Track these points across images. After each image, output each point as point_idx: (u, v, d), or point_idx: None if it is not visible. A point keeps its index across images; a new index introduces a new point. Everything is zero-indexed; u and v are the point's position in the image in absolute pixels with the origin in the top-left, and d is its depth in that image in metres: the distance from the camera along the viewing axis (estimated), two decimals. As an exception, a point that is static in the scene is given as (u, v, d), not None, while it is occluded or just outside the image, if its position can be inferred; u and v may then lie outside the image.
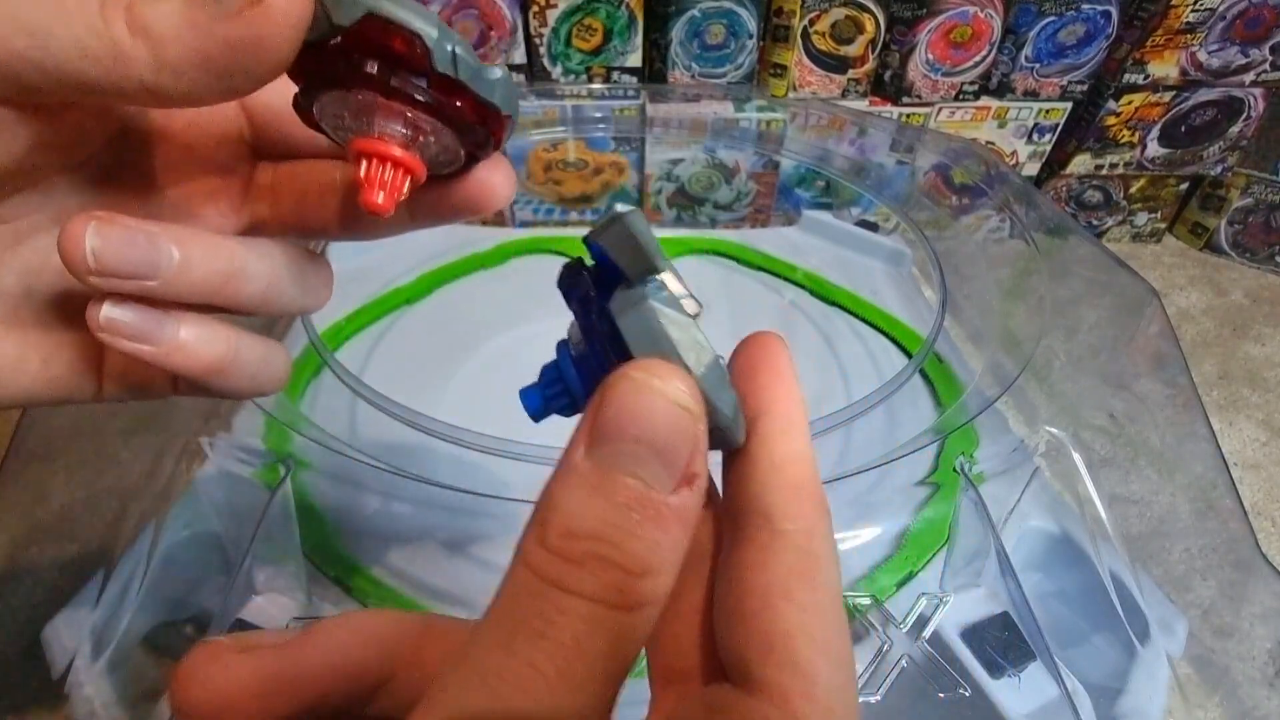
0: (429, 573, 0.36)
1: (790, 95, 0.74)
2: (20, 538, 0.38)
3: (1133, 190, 0.84)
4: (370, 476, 0.38)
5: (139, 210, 0.19)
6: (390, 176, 0.17)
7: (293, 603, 0.34)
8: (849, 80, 0.74)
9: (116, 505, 0.37)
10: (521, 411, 0.17)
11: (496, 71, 0.16)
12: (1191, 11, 0.69)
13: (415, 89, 0.16)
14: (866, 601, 0.34)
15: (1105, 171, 0.81)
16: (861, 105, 0.75)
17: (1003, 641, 0.34)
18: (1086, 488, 0.37)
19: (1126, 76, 0.74)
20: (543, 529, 0.12)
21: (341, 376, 0.37)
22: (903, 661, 0.32)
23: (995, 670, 0.33)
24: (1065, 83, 0.75)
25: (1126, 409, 0.43)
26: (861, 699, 0.31)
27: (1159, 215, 0.86)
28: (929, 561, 0.37)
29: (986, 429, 0.44)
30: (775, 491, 0.14)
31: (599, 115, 0.70)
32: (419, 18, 0.15)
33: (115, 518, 0.36)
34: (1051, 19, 0.71)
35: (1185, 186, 0.85)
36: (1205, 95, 0.75)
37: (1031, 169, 0.82)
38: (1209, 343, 0.72)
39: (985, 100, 0.76)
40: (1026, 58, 0.73)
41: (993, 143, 0.79)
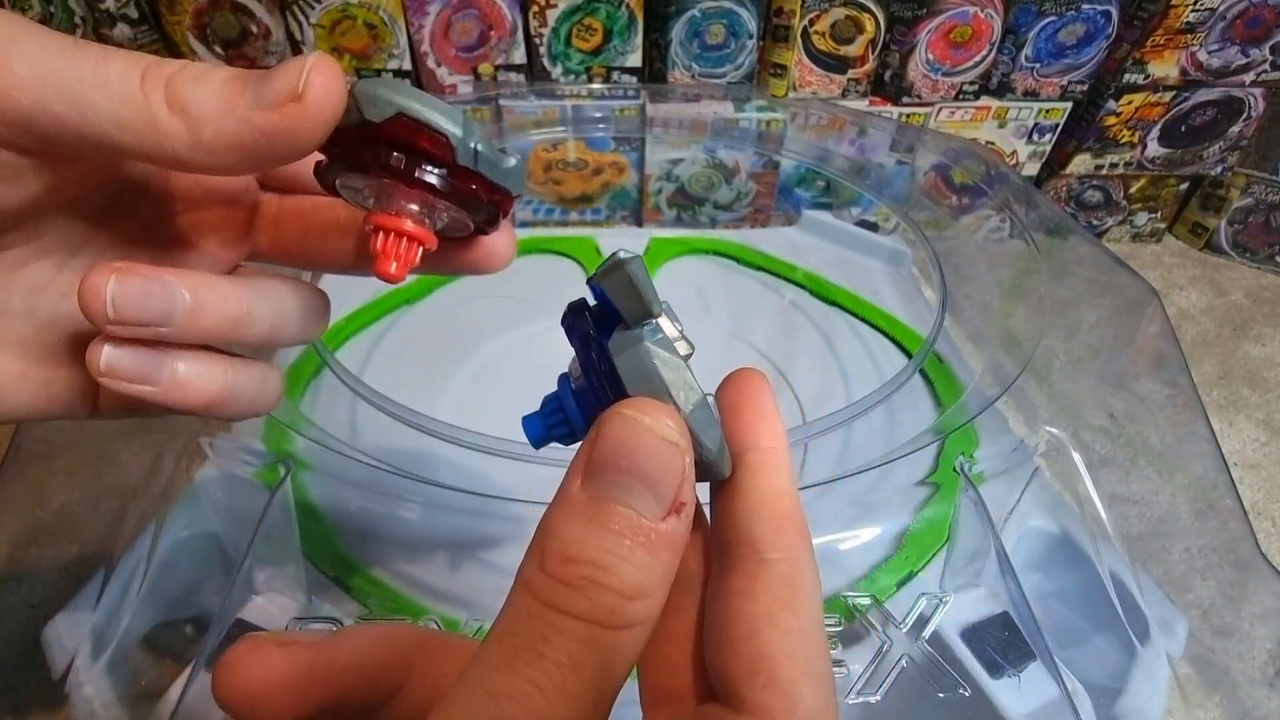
0: (429, 573, 0.36)
1: (790, 95, 0.74)
2: (20, 538, 0.38)
3: (1133, 190, 0.84)
4: (370, 477, 0.38)
5: (142, 238, 0.19)
6: (404, 249, 0.18)
7: (293, 603, 0.34)
8: (849, 80, 0.74)
9: (116, 505, 0.37)
10: (521, 411, 0.17)
11: (511, 161, 0.18)
12: (1191, 11, 0.69)
13: (436, 178, 0.17)
14: (866, 601, 0.34)
15: (1105, 171, 0.81)
16: (861, 105, 0.75)
17: (1003, 641, 0.34)
18: (1086, 488, 0.37)
19: (1126, 76, 0.74)
20: (542, 555, 0.13)
21: (341, 376, 0.37)
22: (903, 661, 0.32)
23: (995, 670, 0.33)
24: (1065, 83, 0.75)
25: (1126, 409, 0.43)
26: (861, 699, 0.31)
27: (1159, 215, 0.87)
28: (929, 561, 0.37)
29: (986, 429, 0.44)
30: (761, 523, 0.15)
31: (599, 115, 0.70)
32: (446, 118, 0.16)
33: (115, 518, 0.36)
34: (1051, 19, 0.71)
35: (1185, 186, 0.85)
36: (1205, 95, 0.75)
37: (1031, 169, 0.82)
38: (1209, 343, 0.72)
39: (985, 100, 0.76)
40: (1026, 58, 0.73)
41: (993, 143, 0.79)
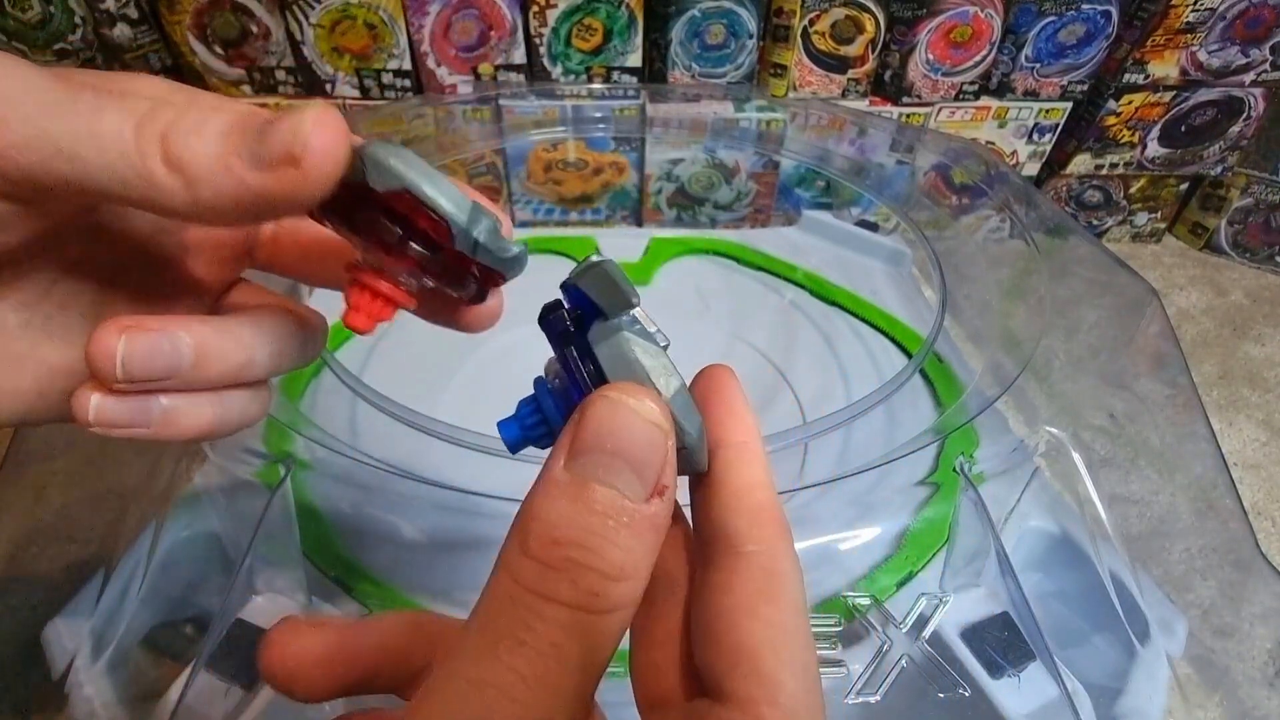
0: (429, 573, 0.36)
1: (790, 95, 0.74)
2: (20, 538, 0.38)
3: (1133, 190, 0.84)
4: (370, 476, 0.38)
5: (136, 260, 0.19)
6: (379, 308, 0.17)
7: (293, 603, 0.34)
8: (849, 80, 0.74)
9: (116, 505, 0.37)
10: None
11: (513, 249, 0.17)
12: (1191, 11, 0.69)
13: (427, 257, 0.16)
14: (866, 601, 0.34)
15: (1105, 171, 0.81)
16: (861, 105, 0.75)
17: (1003, 641, 0.34)
18: (1086, 488, 0.37)
19: (1126, 76, 0.74)
20: (524, 537, 0.13)
21: (341, 376, 0.37)
22: (903, 661, 0.32)
23: (995, 670, 0.33)
24: (1065, 83, 0.75)
25: (1126, 409, 0.43)
26: (861, 699, 0.31)
27: (1159, 215, 0.87)
28: (929, 561, 0.37)
29: (986, 429, 0.44)
30: (737, 516, 0.15)
31: (599, 115, 0.70)
32: (451, 204, 0.15)
33: (115, 518, 0.36)
34: (1051, 19, 0.71)
35: (1185, 186, 0.85)
36: (1205, 95, 0.75)
37: (1031, 169, 0.82)
38: (1209, 343, 0.72)
39: (985, 100, 0.76)
40: (1026, 58, 0.73)
41: (993, 143, 0.79)
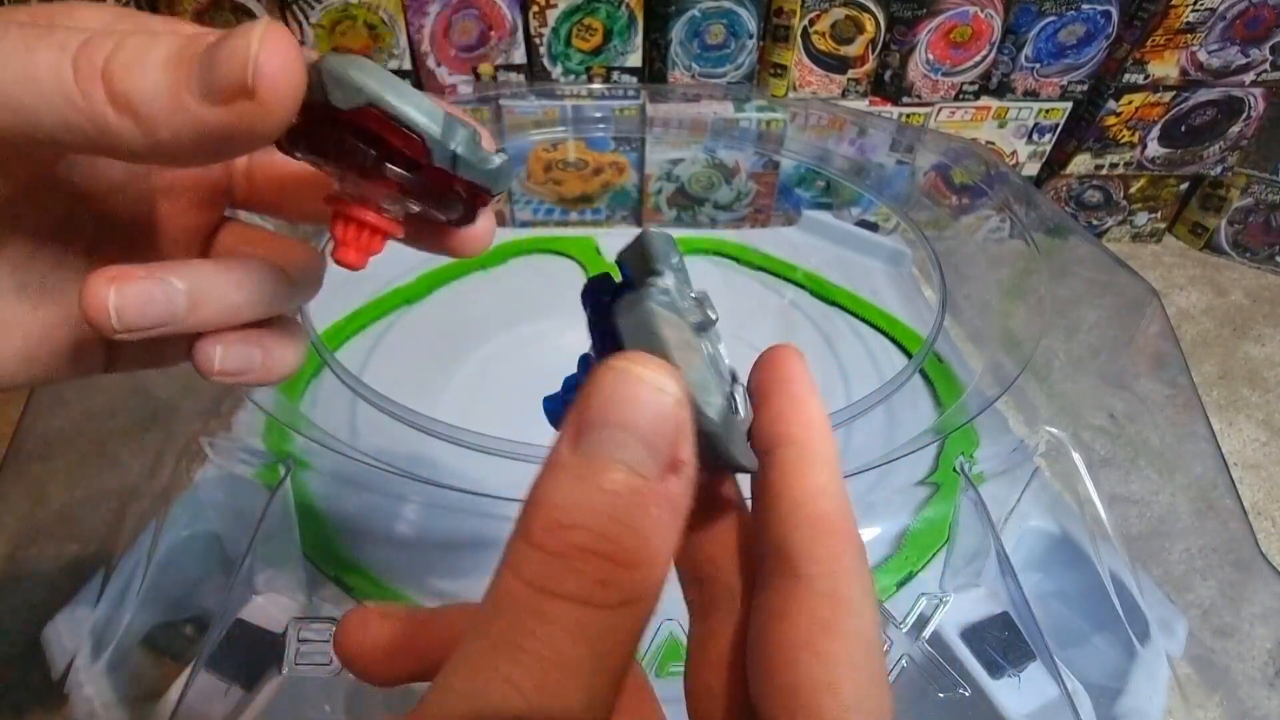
0: (429, 573, 0.36)
1: (790, 95, 0.74)
2: (20, 538, 0.38)
3: (1133, 190, 0.84)
4: (370, 476, 0.38)
5: (120, 213, 0.18)
6: (366, 239, 0.17)
7: (293, 603, 0.34)
8: (849, 80, 0.74)
9: (116, 505, 0.37)
10: (521, 411, 0.17)
11: (495, 160, 0.16)
12: (1191, 11, 0.69)
13: (407, 178, 0.15)
14: (866, 601, 0.34)
15: (1105, 171, 0.81)
16: (861, 105, 0.75)
17: (1003, 641, 0.34)
18: (1086, 488, 0.37)
19: (1126, 76, 0.74)
20: (528, 525, 0.12)
21: (341, 376, 0.37)
22: (903, 661, 0.32)
23: (995, 670, 0.33)
24: (1065, 83, 0.75)
25: (1126, 409, 0.43)
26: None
27: (1159, 215, 0.86)
28: (929, 561, 0.37)
29: (986, 429, 0.44)
30: (796, 531, 0.13)
31: (599, 115, 0.70)
32: (422, 113, 0.14)
33: (115, 518, 0.36)
34: (1051, 19, 0.71)
35: (1185, 186, 0.85)
36: (1205, 95, 0.75)
37: (1031, 169, 0.82)
38: (1209, 343, 0.72)
39: (985, 100, 0.76)
40: (1026, 58, 0.73)
41: (993, 143, 0.79)
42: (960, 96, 0.75)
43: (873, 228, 0.68)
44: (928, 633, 0.33)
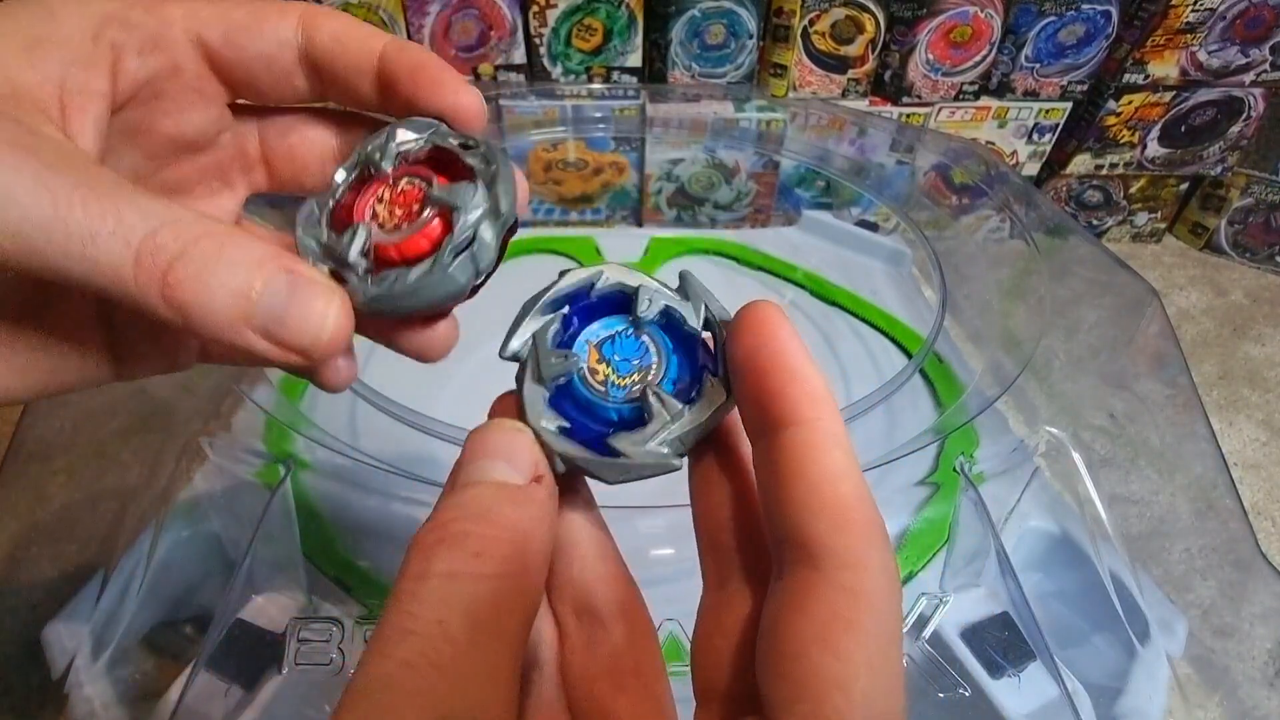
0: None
1: (790, 95, 0.74)
2: (20, 538, 0.38)
3: (1133, 190, 0.84)
4: (370, 476, 0.38)
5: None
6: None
7: (293, 603, 0.34)
8: (849, 80, 0.74)
9: (116, 505, 0.37)
10: None
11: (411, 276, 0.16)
12: (1191, 11, 0.69)
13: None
14: (866, 601, 0.34)
15: (1105, 171, 0.81)
16: (861, 105, 0.75)
17: (1003, 641, 0.34)
18: (1086, 488, 0.37)
19: (1126, 76, 0.74)
20: (417, 533, 0.13)
21: (341, 376, 0.36)
22: (903, 661, 0.32)
23: (995, 670, 0.33)
24: (1065, 83, 0.75)
25: (1126, 409, 0.43)
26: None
27: (1159, 215, 0.86)
28: (929, 561, 0.37)
29: (986, 429, 0.44)
30: (815, 519, 0.12)
31: (599, 115, 0.70)
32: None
33: (115, 518, 0.36)
34: (1051, 19, 0.71)
35: (1185, 186, 0.85)
36: (1205, 95, 0.75)
37: (1031, 169, 0.82)
38: (1209, 343, 0.72)
39: (985, 100, 0.76)
40: (1026, 58, 0.73)
41: (993, 143, 0.79)
42: (960, 96, 0.75)
43: (873, 228, 0.68)
44: (928, 633, 0.33)
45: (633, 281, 0.16)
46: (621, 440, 0.15)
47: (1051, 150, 0.81)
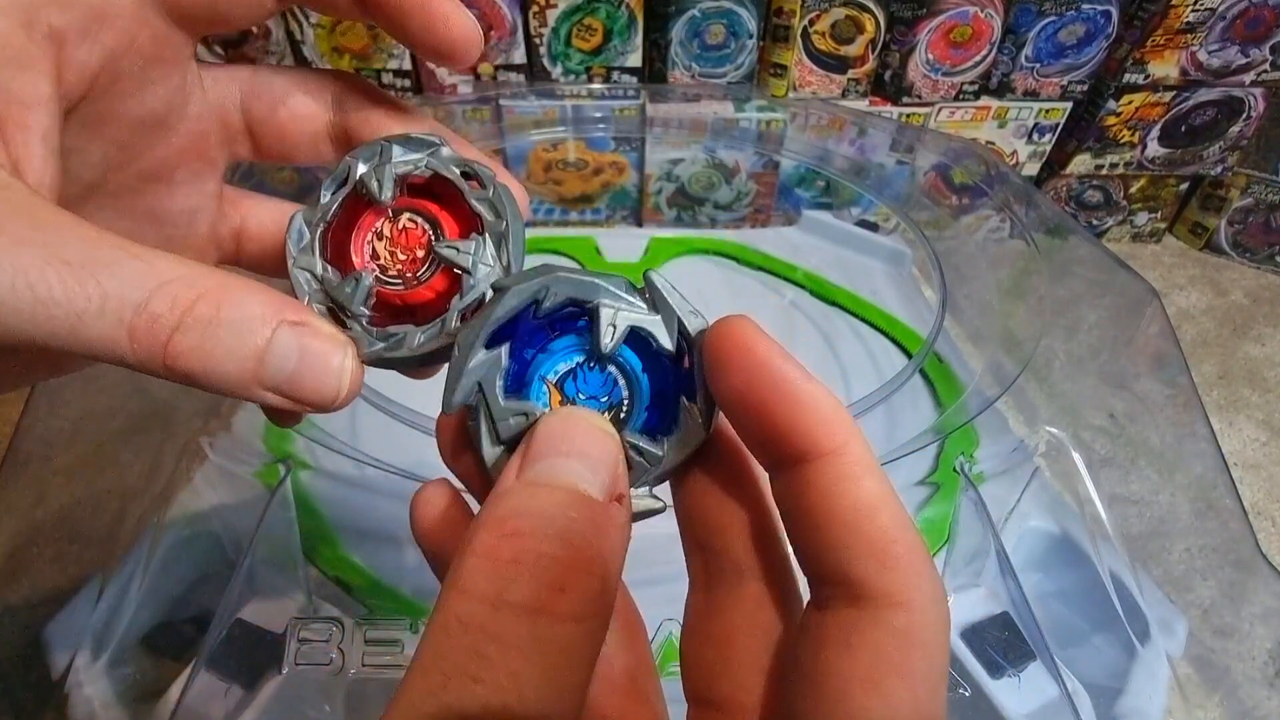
0: (429, 573, 0.36)
1: (790, 95, 0.74)
2: (20, 538, 0.38)
3: (1133, 190, 0.84)
4: (370, 476, 0.38)
5: (119, 182, 0.17)
6: None
7: (293, 603, 0.34)
8: (849, 80, 0.74)
9: (116, 505, 0.37)
10: None
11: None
12: (1191, 11, 0.69)
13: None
14: (866, 601, 0.34)
15: (1105, 171, 0.81)
16: (861, 105, 0.75)
17: (1003, 641, 0.34)
18: (1086, 488, 0.37)
19: (1126, 76, 0.74)
20: (476, 541, 0.11)
21: (341, 376, 0.37)
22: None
23: (995, 670, 0.33)
24: (1065, 83, 0.75)
25: (1126, 409, 0.43)
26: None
27: (1159, 215, 0.86)
28: (929, 561, 0.37)
29: (986, 429, 0.44)
30: (860, 559, 0.11)
31: (599, 115, 0.70)
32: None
33: (115, 518, 0.36)
34: (1051, 19, 0.71)
35: (1185, 186, 0.85)
36: (1205, 95, 0.75)
37: (1031, 169, 0.82)
38: (1209, 343, 0.72)
39: (985, 100, 0.76)
40: (1026, 58, 0.73)
41: (993, 143, 0.79)
42: (960, 96, 0.75)
43: (873, 228, 0.68)
44: (928, 633, 0.33)
45: (585, 295, 0.14)
46: None
47: (1051, 150, 0.81)
